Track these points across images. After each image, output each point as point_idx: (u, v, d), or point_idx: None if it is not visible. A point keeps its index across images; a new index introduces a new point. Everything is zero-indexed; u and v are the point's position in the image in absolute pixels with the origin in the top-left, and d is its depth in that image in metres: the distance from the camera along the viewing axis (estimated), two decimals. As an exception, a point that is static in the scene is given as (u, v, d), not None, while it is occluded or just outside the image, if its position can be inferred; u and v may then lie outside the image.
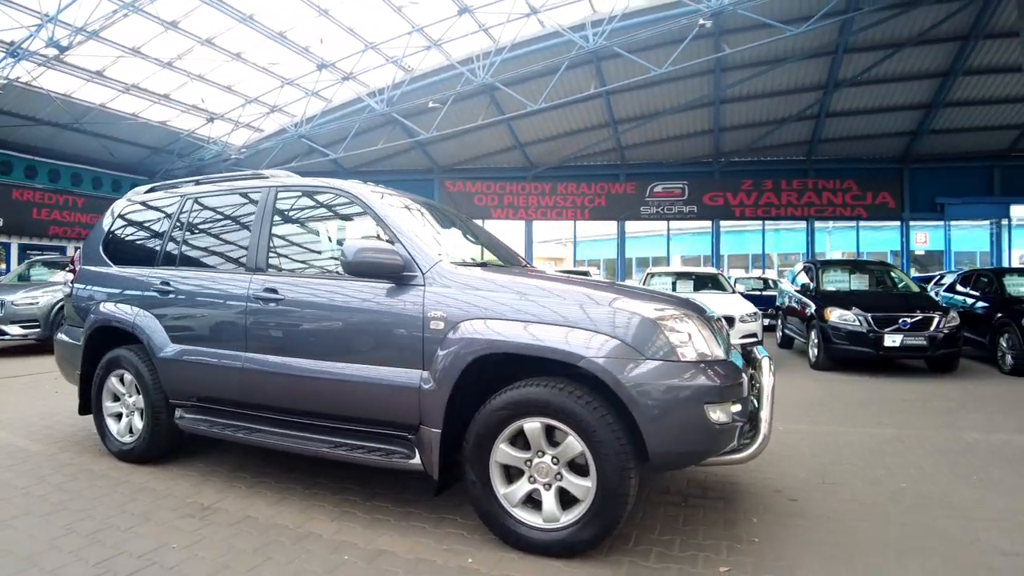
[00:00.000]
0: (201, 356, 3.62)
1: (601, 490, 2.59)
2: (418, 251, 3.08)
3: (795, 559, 2.77)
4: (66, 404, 5.56)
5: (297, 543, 2.83)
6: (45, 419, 5.06)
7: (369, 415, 3.10)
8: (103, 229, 4.47)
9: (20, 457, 4.03)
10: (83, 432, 4.65)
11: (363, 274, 3.03)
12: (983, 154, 18.93)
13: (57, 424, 4.92)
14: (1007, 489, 3.74)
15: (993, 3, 13.35)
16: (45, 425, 4.87)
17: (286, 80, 15.86)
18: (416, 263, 3.03)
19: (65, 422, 4.96)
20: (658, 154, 21.29)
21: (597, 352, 2.61)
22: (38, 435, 4.59)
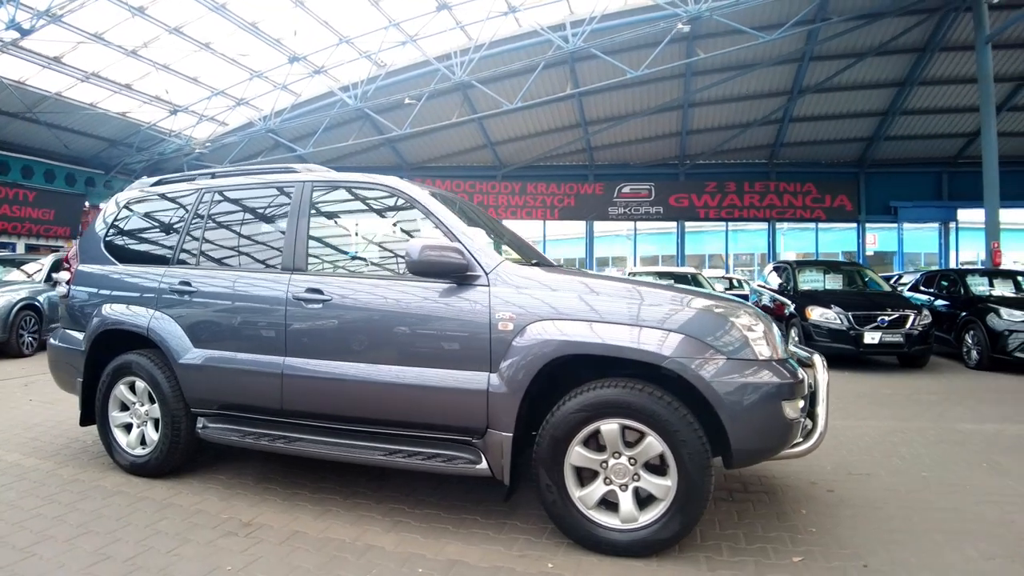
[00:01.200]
0: (232, 362, 3.38)
1: (683, 488, 2.61)
2: (479, 250, 3.01)
3: (859, 546, 2.87)
4: (45, 413, 5.25)
5: (361, 557, 2.70)
6: (28, 430, 4.69)
7: (430, 420, 3.00)
8: (104, 225, 4.13)
9: (15, 474, 3.70)
10: (76, 443, 4.37)
11: (426, 273, 2.94)
12: (933, 160, 19.91)
13: (43, 435, 4.56)
14: (1019, 475, 3.96)
15: (949, 19, 14.06)
16: (30, 437, 4.51)
17: (255, 72, 15.42)
18: (478, 263, 2.96)
19: (50, 433, 4.63)
20: (626, 156, 21.61)
21: (681, 352, 2.64)
22: (26, 448, 4.24)
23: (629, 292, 2.90)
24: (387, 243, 3.57)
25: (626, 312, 2.78)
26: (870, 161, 20.27)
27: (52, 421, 4.95)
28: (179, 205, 3.92)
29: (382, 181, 3.42)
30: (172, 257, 3.76)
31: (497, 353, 2.83)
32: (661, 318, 2.74)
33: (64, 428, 4.77)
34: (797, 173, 21.23)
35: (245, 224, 3.84)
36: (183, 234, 3.79)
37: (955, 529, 3.09)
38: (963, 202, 19.69)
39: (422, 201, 3.25)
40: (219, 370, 3.42)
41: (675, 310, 2.79)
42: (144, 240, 4.04)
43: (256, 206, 3.81)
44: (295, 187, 3.55)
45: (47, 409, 5.41)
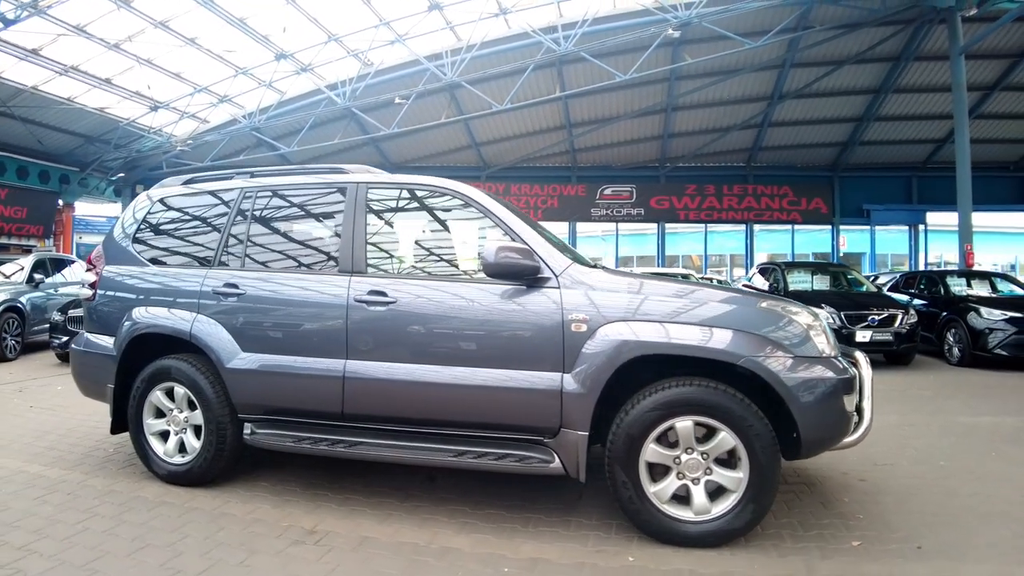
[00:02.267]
0: (287, 366, 3.31)
1: (756, 479, 2.75)
2: (548, 252, 3.07)
3: (907, 529, 3.06)
4: (52, 420, 5.11)
5: (442, 560, 2.72)
6: (40, 439, 4.54)
7: (500, 421, 3.04)
8: (132, 225, 3.99)
9: (44, 486, 3.56)
10: (98, 452, 4.25)
11: (501, 275, 2.99)
12: (904, 165, 20.61)
13: (58, 444, 4.42)
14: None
15: (923, 30, 14.61)
16: (45, 446, 4.37)
17: (241, 69, 15.19)
18: (548, 265, 3.03)
19: (65, 441, 4.50)
20: (608, 158, 21.85)
21: (754, 351, 2.78)
22: (46, 458, 4.08)
23: (695, 294, 3.02)
24: (447, 246, 3.61)
25: (697, 313, 2.90)
26: (844, 165, 20.88)
27: (62, 428, 4.82)
28: (217, 204, 3.83)
29: (441, 184, 3.45)
30: (213, 258, 3.66)
31: (570, 354, 2.89)
32: (731, 318, 2.88)
33: (79, 436, 4.64)
34: (774, 176, 21.72)
35: (293, 225, 3.81)
36: (224, 234, 3.69)
37: (986, 512, 3.31)
38: (931, 205, 20.43)
39: (485, 204, 3.29)
40: (273, 375, 3.34)
41: (742, 310, 2.93)
42: (179, 240, 3.91)
43: (304, 207, 3.79)
44: (348, 188, 3.51)
45: (52, 416, 5.26)
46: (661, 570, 2.62)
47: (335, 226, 3.53)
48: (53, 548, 2.78)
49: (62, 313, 8.70)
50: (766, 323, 2.88)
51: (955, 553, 2.83)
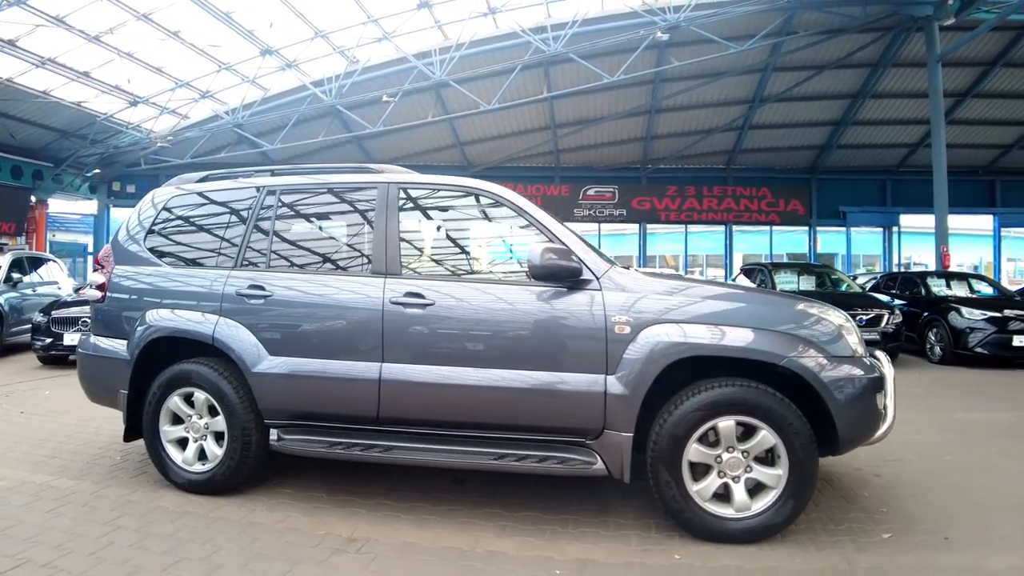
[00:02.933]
0: (319, 370, 3.24)
1: (795, 476, 2.82)
2: (587, 254, 3.10)
3: (930, 521, 3.18)
4: (48, 427, 4.91)
5: (490, 564, 2.72)
6: (39, 447, 4.35)
7: (542, 423, 3.04)
8: (144, 223, 3.83)
9: (55, 497, 3.40)
10: (104, 460, 4.10)
11: (545, 277, 3.00)
12: (878, 168, 21.11)
13: (60, 452, 4.25)
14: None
15: (901, 37, 15.00)
16: (46, 454, 4.19)
17: (224, 64, 14.93)
18: (588, 267, 3.05)
19: (66, 449, 4.33)
20: (591, 159, 21.97)
21: (795, 352, 2.86)
22: (50, 467, 3.91)
23: (736, 296, 3.10)
24: (481, 247, 3.61)
25: (739, 315, 2.97)
26: (822, 168, 21.30)
27: (61, 435, 4.65)
28: (236, 203, 3.73)
29: (474, 184, 3.44)
30: (236, 259, 3.54)
31: (613, 356, 2.92)
32: (771, 320, 2.96)
33: (79, 443, 4.48)
34: (753, 178, 22.05)
35: (320, 225, 3.76)
36: (246, 234, 3.58)
37: (1000, 504, 3.46)
38: (905, 208, 20.98)
39: (519, 204, 3.30)
40: (303, 379, 3.26)
41: (781, 312, 3.02)
42: (195, 240, 3.79)
43: (331, 207, 3.72)
44: (378, 188, 3.45)
45: (47, 422, 5.07)
46: (708, 567, 2.68)
47: (366, 226, 3.48)
48: (81, 565, 2.64)
49: (44, 314, 8.48)
50: (804, 324, 2.97)
51: (981, 543, 2.94)
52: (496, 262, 3.54)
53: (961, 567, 2.71)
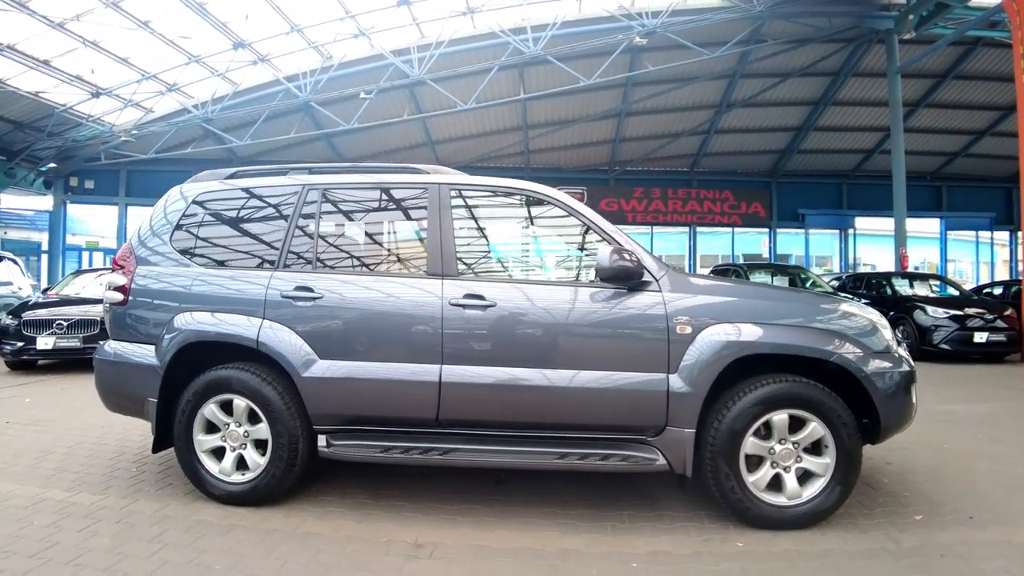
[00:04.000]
0: (376, 373, 3.19)
1: (843, 463, 3.01)
2: (646, 257, 3.19)
3: (953, 503, 3.43)
4: (42, 438, 4.65)
5: (569, 561, 2.77)
6: (41, 460, 4.10)
7: (605, 421, 3.11)
8: (169, 222, 3.64)
9: (83, 515, 3.19)
10: (120, 472, 3.90)
11: (613, 279, 3.08)
12: (835, 173, 22.02)
13: (68, 465, 4.01)
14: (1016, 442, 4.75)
15: (862, 48, 15.72)
16: (53, 468, 3.95)
17: (194, 57, 14.51)
18: (648, 269, 3.15)
19: (73, 462, 4.09)
20: (561, 160, 22.22)
21: (844, 349, 3.06)
22: (63, 482, 3.68)
23: (783, 296, 3.27)
24: (535, 248, 3.66)
25: (789, 315, 3.15)
26: (782, 172, 22.08)
27: (61, 447, 4.41)
28: (273, 202, 3.64)
29: (525, 186, 3.48)
30: (278, 259, 3.43)
31: (675, 355, 3.03)
32: (819, 319, 3.15)
33: (85, 454, 4.25)
34: (716, 181, 22.69)
35: (367, 226, 3.71)
36: (288, 234, 3.47)
37: (1008, 485, 3.77)
38: (860, 210, 21.97)
39: (575, 207, 3.38)
40: (359, 382, 3.20)
41: (826, 311, 3.21)
42: (227, 240, 3.65)
43: (377, 207, 3.66)
44: (429, 190, 3.43)
45: (41, 432, 4.81)
46: (771, 552, 2.83)
47: (417, 227, 3.49)
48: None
49: (14, 317, 8.13)
50: (847, 322, 3.17)
51: (1003, 520, 3.20)
52: (550, 264, 3.61)
53: (993, 542, 2.95)
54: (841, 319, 3.18)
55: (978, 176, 21.57)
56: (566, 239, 3.51)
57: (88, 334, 7.95)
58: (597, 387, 3.08)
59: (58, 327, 7.95)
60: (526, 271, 3.57)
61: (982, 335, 9.37)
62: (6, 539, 2.88)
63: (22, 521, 3.09)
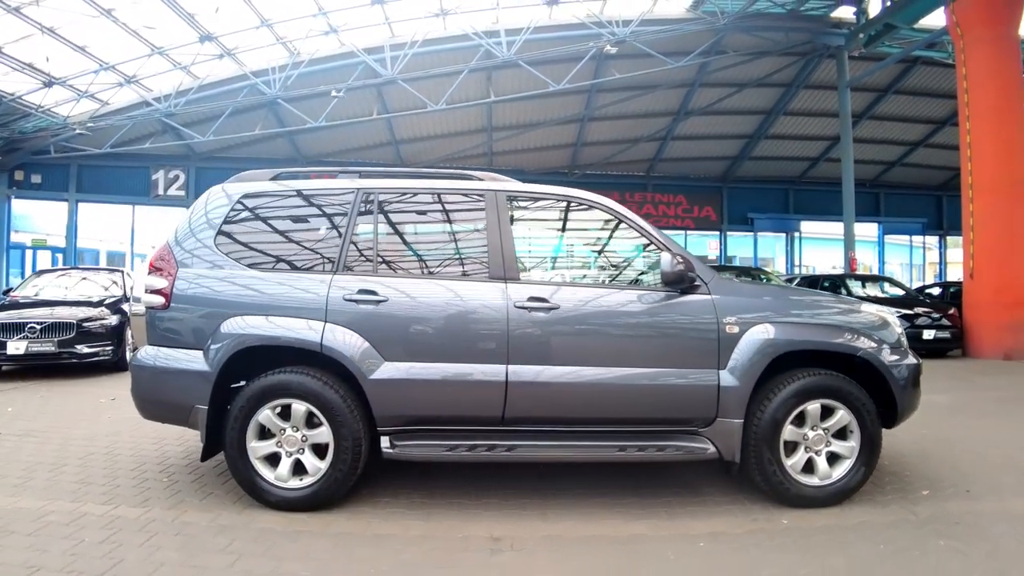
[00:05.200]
0: (443, 374, 3.28)
1: (867, 446, 3.39)
2: (696, 262, 3.45)
3: (949, 480, 3.88)
4: (44, 449, 4.47)
5: (640, 545, 2.96)
6: (57, 472, 3.94)
7: (662, 415, 3.37)
8: (213, 221, 3.57)
9: (135, 528, 3.08)
10: (151, 481, 3.79)
11: (673, 283, 3.33)
12: (783, 179, 23.16)
13: (90, 477, 3.86)
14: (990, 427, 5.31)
15: (814, 62, 16.68)
16: (76, 481, 3.78)
17: (157, 49, 14.06)
18: (699, 273, 3.42)
19: (94, 473, 3.94)
20: (523, 162, 22.50)
21: (868, 345, 3.45)
22: (94, 495, 3.54)
23: (812, 299, 3.63)
24: (589, 252, 3.87)
25: (820, 315, 3.53)
26: (733, 177, 23.06)
27: (73, 458, 4.24)
28: (329, 204, 3.64)
29: (579, 194, 3.68)
30: (336, 262, 3.44)
31: (724, 352, 3.33)
32: (846, 319, 3.53)
33: (102, 465, 4.10)
34: (671, 186, 23.47)
35: (426, 230, 3.79)
36: (346, 237, 3.49)
37: (990, 463, 4.26)
38: (805, 215, 23.18)
39: (625, 214, 3.63)
40: (427, 384, 3.27)
41: (851, 312, 3.59)
42: (277, 241, 3.62)
43: (433, 211, 3.74)
44: (487, 196, 3.57)
45: (40, 444, 4.62)
46: (814, 527, 3.17)
47: (476, 232, 3.58)
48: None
49: None
50: (869, 322, 3.56)
51: (995, 492, 3.66)
52: (602, 268, 3.84)
53: (992, 511, 3.39)
54: (863, 318, 3.58)
55: (912, 184, 23.15)
56: (617, 244, 3.76)
57: (63, 338, 7.67)
58: (654, 383, 3.34)
59: (30, 331, 7.62)
60: (580, 275, 3.78)
61: (930, 332, 10.20)
62: (64, 558, 2.75)
63: (71, 539, 2.95)
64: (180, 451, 4.43)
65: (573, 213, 3.83)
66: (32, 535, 2.98)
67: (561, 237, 3.95)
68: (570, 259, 3.97)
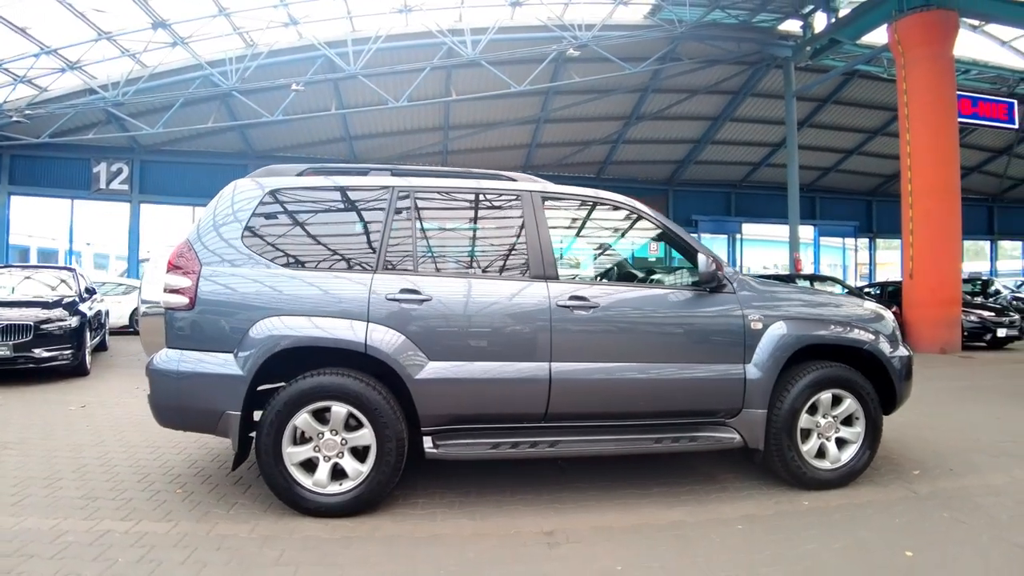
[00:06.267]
0: (488, 372, 3.31)
1: (870, 431, 3.73)
2: (721, 262, 3.67)
3: (931, 461, 4.27)
4: (32, 463, 4.11)
5: (683, 530, 3.13)
6: (50, 488, 3.66)
7: (694, 407, 3.57)
8: (240, 217, 3.43)
9: (170, 544, 2.91)
10: (165, 494, 3.57)
11: (706, 283, 3.55)
12: (725, 182, 24.16)
13: (92, 491, 3.61)
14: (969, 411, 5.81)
15: (761, 72, 17.50)
16: (80, 496, 3.52)
17: (105, 34, 13.37)
18: (724, 274, 3.65)
19: (99, 487, 3.68)
20: (477, 162, 22.51)
21: (872, 339, 3.78)
22: (104, 510, 3.30)
23: (822, 298, 3.94)
24: (619, 253, 4.03)
25: (831, 312, 3.83)
26: (678, 180, 23.88)
27: (66, 472, 3.94)
28: (363, 202, 3.58)
29: (611, 197, 3.83)
30: (376, 261, 3.39)
31: (749, 347, 3.58)
32: (853, 315, 3.84)
33: (102, 478, 3.83)
34: (619, 188, 23.00)
35: (463, 229, 3.81)
36: (384, 235, 3.44)
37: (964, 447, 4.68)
38: (746, 217, 24.27)
39: (663, 221, 3.83)
40: (473, 383, 3.30)
41: (857, 309, 3.91)
42: (310, 238, 3.52)
43: (471, 211, 3.76)
44: (523, 197, 3.64)
45: (21, 457, 4.26)
46: (831, 507, 3.47)
47: (513, 232, 3.63)
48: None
49: None
50: (871, 317, 3.90)
51: (974, 470, 4.08)
52: (631, 267, 4.01)
53: (977, 485, 3.79)
54: (866, 314, 3.91)
55: (845, 190, 24.63)
56: (643, 244, 3.95)
57: (19, 341, 7.16)
58: (688, 377, 3.54)
59: None
60: (612, 274, 3.95)
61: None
62: (102, 581, 2.59)
63: (103, 559, 2.76)
64: (181, 459, 4.25)
65: (602, 213, 3.99)
66: (56, 558, 2.76)
67: (592, 237, 4.10)
68: (602, 258, 4.11)
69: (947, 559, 2.85)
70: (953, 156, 10.59)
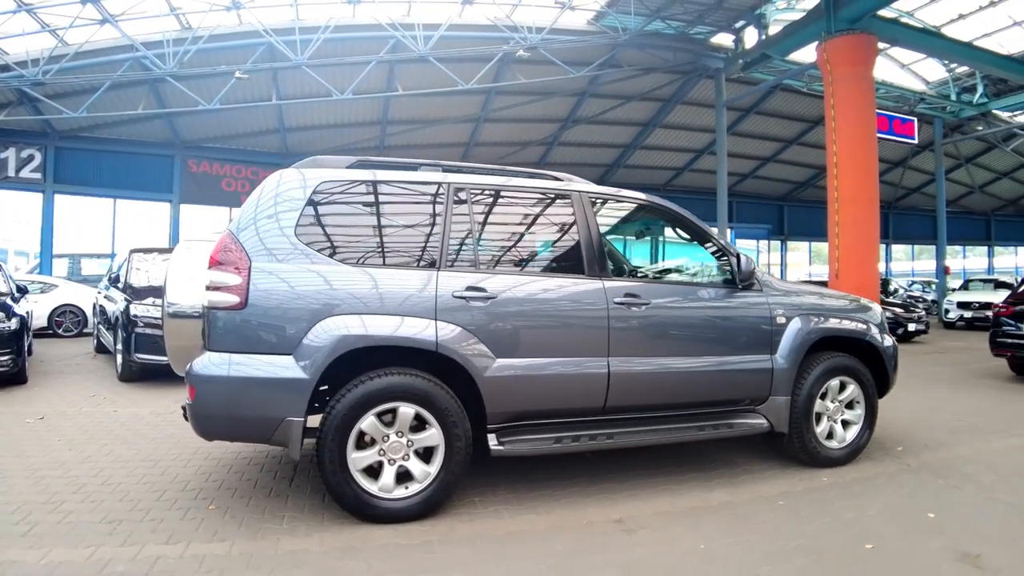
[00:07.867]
0: (551, 368, 3.41)
1: (869, 414, 4.24)
2: (754, 263, 4.03)
3: (910, 439, 4.87)
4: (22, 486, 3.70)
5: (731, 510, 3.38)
6: (56, 512, 3.31)
7: (730, 396, 3.90)
8: (291, 212, 3.25)
9: (231, 568, 2.73)
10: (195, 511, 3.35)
11: (744, 281, 3.90)
12: (650, 187, 25.03)
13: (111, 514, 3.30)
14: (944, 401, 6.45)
15: (693, 81, 18.48)
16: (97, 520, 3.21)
17: (25, 5, 12.25)
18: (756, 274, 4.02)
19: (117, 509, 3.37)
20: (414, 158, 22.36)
21: (871, 331, 4.30)
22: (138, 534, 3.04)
23: (831, 294, 4.42)
24: (658, 251, 4.31)
25: (839, 307, 4.31)
26: (607, 184, 24.62)
27: (66, 494, 3.58)
28: (418, 199, 3.54)
29: (650, 199, 4.12)
30: (438, 259, 3.36)
31: (775, 339, 3.98)
32: (855, 310, 4.34)
33: (116, 499, 3.52)
34: (554, 186, 24.61)
35: (518, 227, 3.82)
36: (445, 233, 3.40)
37: (927, 425, 5.33)
38: (670, 220, 25.43)
39: (690, 218, 4.15)
40: (538, 379, 3.37)
41: (858, 304, 4.40)
42: (369, 234, 3.43)
43: (519, 210, 3.79)
44: (573, 197, 3.75)
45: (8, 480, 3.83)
46: (846, 480, 3.93)
47: (565, 231, 3.76)
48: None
49: None
50: (868, 313, 4.41)
51: (944, 445, 4.70)
52: (672, 265, 4.28)
53: (954, 457, 4.41)
54: (864, 308, 4.42)
55: (760, 195, 26.37)
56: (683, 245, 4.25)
57: (-11, 345, 6.59)
58: (727, 369, 3.86)
59: None
60: (655, 273, 4.20)
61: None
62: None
63: None
64: (190, 472, 3.99)
65: (644, 215, 4.25)
66: (118, 594, 2.52)
67: (636, 236, 4.37)
68: (640, 257, 4.37)
69: (962, 517, 3.35)
70: (873, 166, 11.73)
